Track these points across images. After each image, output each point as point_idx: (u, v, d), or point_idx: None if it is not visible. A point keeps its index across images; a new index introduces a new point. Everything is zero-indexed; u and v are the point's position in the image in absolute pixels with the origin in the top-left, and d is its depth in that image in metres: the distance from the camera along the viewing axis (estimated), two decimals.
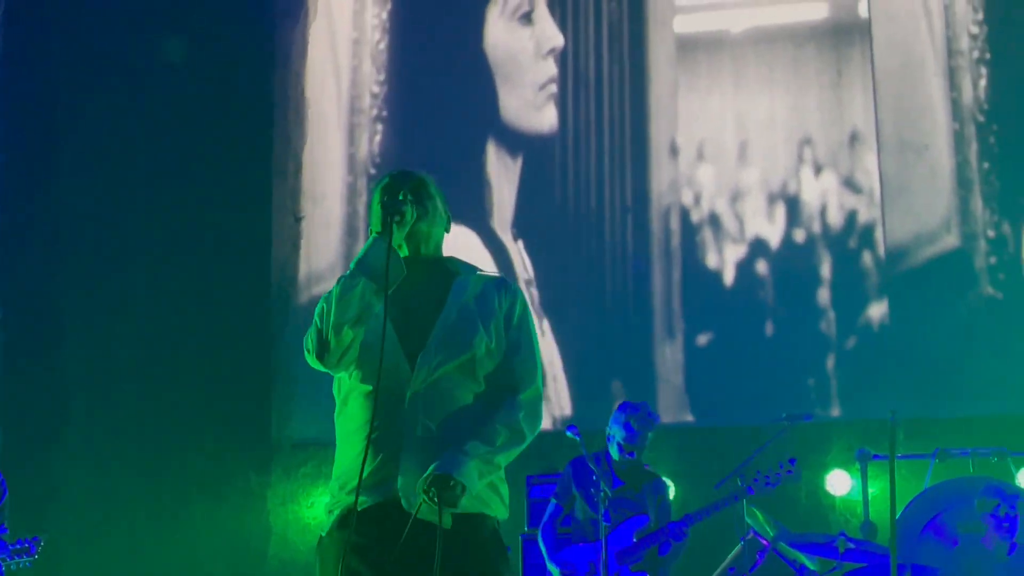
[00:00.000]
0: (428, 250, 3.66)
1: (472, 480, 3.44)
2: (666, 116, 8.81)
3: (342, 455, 3.59)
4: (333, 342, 3.48)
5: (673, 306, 8.63)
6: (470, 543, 3.50)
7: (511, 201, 8.93)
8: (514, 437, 3.56)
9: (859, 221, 8.47)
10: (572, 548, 6.34)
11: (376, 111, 9.24)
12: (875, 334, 8.36)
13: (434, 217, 3.64)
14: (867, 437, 7.57)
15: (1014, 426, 7.88)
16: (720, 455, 7.59)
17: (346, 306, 3.48)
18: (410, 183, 3.62)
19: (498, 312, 3.63)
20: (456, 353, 3.54)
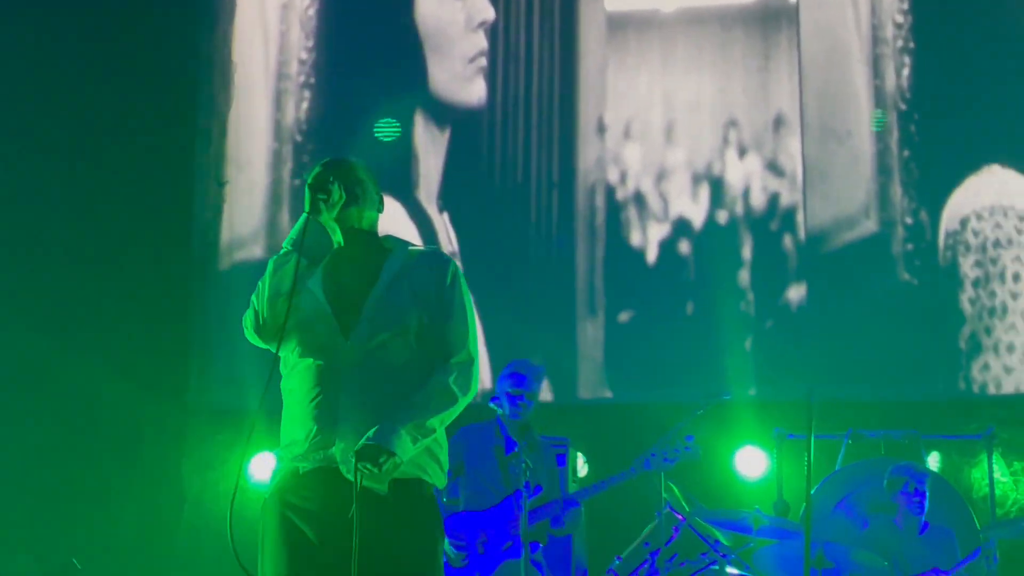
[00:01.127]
0: (362, 230, 3.85)
1: (405, 448, 3.61)
2: (595, 93, 8.84)
3: (286, 424, 3.80)
4: (268, 316, 3.71)
5: (596, 283, 8.68)
6: (405, 509, 3.69)
7: (438, 173, 8.92)
8: (445, 399, 3.73)
9: (781, 204, 8.57)
10: (464, 516, 6.20)
11: (304, 77, 9.17)
12: (793, 316, 8.47)
13: (364, 200, 3.84)
14: (782, 417, 7.69)
15: (926, 410, 8.06)
16: (638, 431, 7.64)
17: (279, 281, 3.70)
18: (339, 170, 3.81)
19: (429, 283, 3.83)
20: (389, 325, 3.74)
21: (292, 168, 9.07)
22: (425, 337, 3.79)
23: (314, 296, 3.78)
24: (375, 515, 3.61)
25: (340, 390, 3.70)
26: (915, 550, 6.60)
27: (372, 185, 3.89)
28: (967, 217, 8.34)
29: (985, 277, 8.25)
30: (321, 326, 3.75)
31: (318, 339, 3.75)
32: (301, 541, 3.67)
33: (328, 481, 3.67)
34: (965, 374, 8.16)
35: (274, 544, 3.71)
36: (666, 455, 6.27)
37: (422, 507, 3.75)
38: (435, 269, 3.87)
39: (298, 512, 3.69)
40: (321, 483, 3.69)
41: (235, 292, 8.93)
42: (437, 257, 3.93)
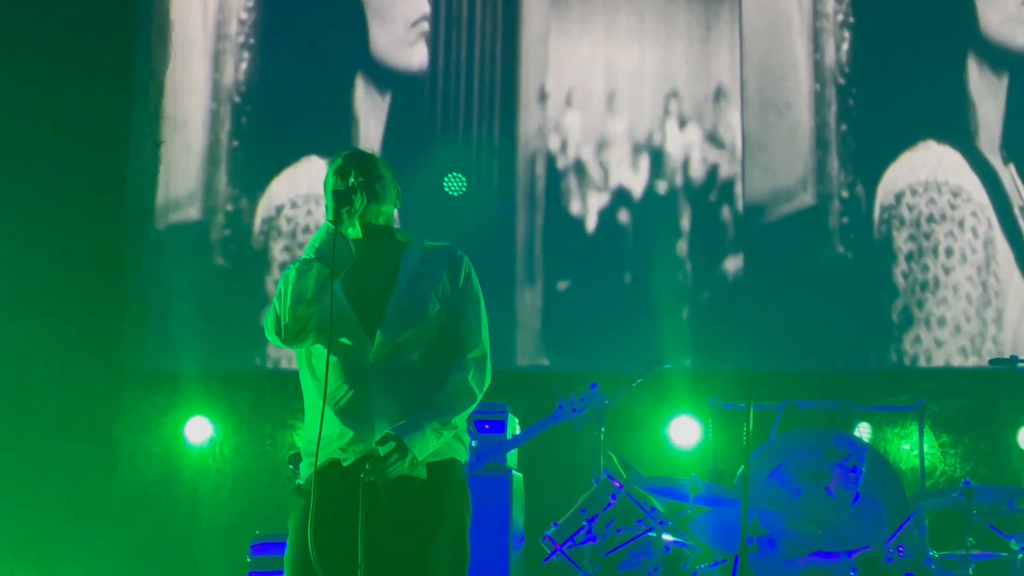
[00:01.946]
0: (379, 225, 3.95)
1: (426, 446, 3.78)
2: (536, 61, 8.82)
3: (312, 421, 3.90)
4: (290, 320, 3.82)
5: (535, 251, 8.69)
6: (444, 490, 3.87)
7: (377, 138, 8.86)
8: (465, 398, 3.89)
9: (720, 176, 8.63)
10: None
11: (243, 38, 9.06)
12: (729, 287, 8.54)
13: (384, 196, 3.94)
14: (718, 387, 7.76)
15: (859, 382, 8.17)
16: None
17: (302, 288, 3.80)
18: (360, 165, 3.92)
19: (445, 279, 3.94)
20: (411, 323, 3.87)
21: (230, 129, 8.97)
22: (441, 331, 3.92)
23: (337, 298, 3.87)
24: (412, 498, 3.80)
25: (370, 388, 3.84)
26: (846, 520, 6.70)
27: (391, 180, 4.00)
28: (902, 192, 8.44)
29: (918, 251, 8.36)
30: (346, 327, 3.86)
31: (342, 339, 3.87)
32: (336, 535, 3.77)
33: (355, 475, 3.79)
34: (897, 347, 8.29)
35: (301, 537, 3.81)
36: (573, 405, 6.33)
37: (456, 486, 3.92)
38: (450, 266, 3.98)
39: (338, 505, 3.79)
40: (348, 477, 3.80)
41: (170, 253, 8.86)
42: (452, 253, 4.03)
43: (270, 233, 8.77)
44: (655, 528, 6.35)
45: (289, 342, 3.87)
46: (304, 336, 3.87)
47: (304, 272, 3.80)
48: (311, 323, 3.84)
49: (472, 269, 4.02)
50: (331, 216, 3.82)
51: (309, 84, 8.91)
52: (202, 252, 8.77)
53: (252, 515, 8.27)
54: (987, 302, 8.28)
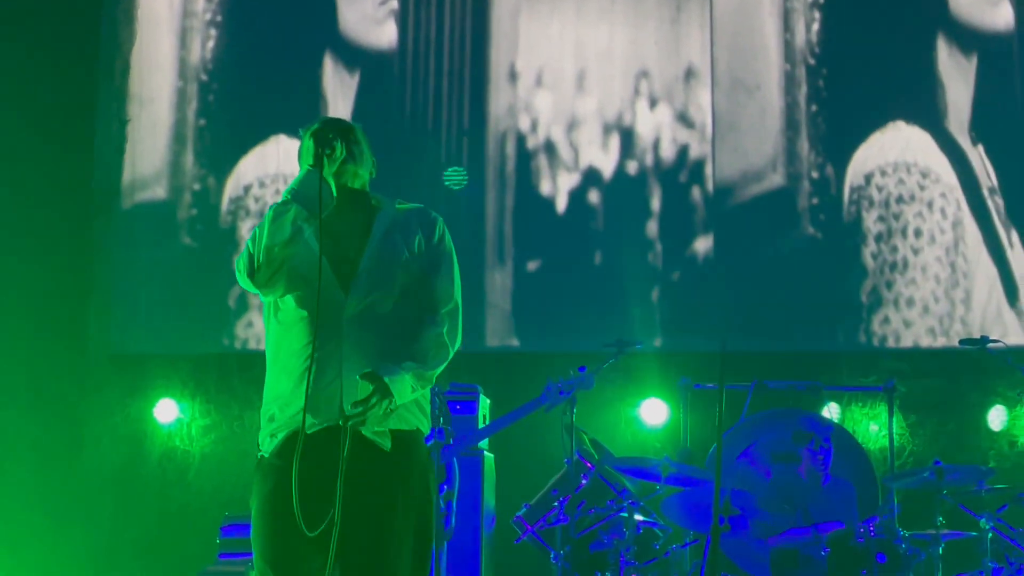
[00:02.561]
0: (354, 188, 3.97)
1: (404, 391, 3.75)
2: (507, 39, 8.77)
3: (279, 378, 3.86)
4: (263, 262, 3.78)
5: (505, 231, 8.66)
6: (407, 460, 3.83)
7: (346, 116, 8.78)
8: (441, 352, 3.89)
9: (690, 156, 8.61)
10: None
11: (210, 15, 8.96)
12: (699, 268, 8.54)
13: (361, 160, 3.98)
14: (687, 367, 7.76)
15: (829, 362, 8.19)
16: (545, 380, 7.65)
17: (277, 229, 3.77)
18: (340, 127, 3.95)
19: (420, 235, 3.96)
20: (386, 277, 3.87)
21: (197, 107, 8.88)
22: (413, 289, 3.90)
23: (311, 250, 3.84)
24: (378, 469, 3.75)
25: (341, 343, 3.79)
26: (818, 501, 6.71)
27: (368, 148, 4.03)
28: (871, 173, 8.46)
29: (888, 232, 8.38)
30: (318, 279, 3.80)
31: (314, 292, 3.79)
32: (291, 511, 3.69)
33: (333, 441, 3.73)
34: (866, 327, 8.31)
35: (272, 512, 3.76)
36: (561, 387, 6.29)
37: (422, 458, 3.89)
38: (425, 224, 3.99)
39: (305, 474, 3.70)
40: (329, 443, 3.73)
41: (137, 232, 8.78)
42: (426, 214, 4.04)
43: (238, 213, 8.69)
44: (626, 508, 6.33)
45: (261, 285, 3.84)
46: (276, 282, 3.84)
47: (281, 213, 3.79)
48: (284, 268, 3.82)
49: (446, 229, 4.04)
50: (311, 160, 3.82)
51: (277, 62, 8.83)
52: (169, 232, 8.69)
53: (220, 496, 8.23)
54: (955, 283, 8.31)
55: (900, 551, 6.11)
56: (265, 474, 3.84)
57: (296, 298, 3.86)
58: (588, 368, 6.35)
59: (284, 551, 3.75)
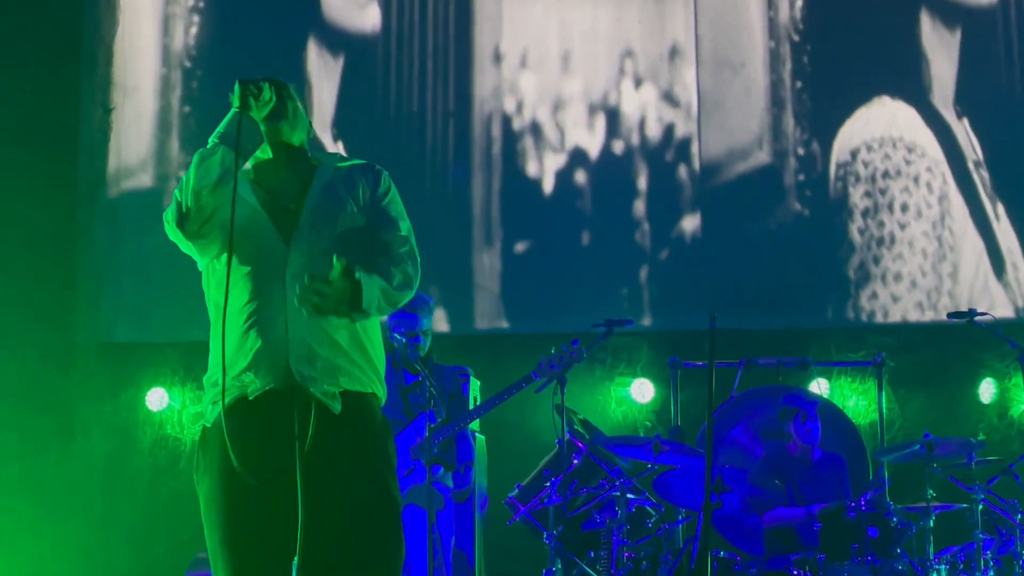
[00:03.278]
0: (291, 145, 3.72)
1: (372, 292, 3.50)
2: (490, 21, 8.75)
3: (217, 340, 3.56)
4: (193, 209, 3.53)
5: (492, 213, 8.65)
6: (360, 425, 3.58)
7: (332, 101, 8.77)
8: (406, 280, 3.63)
9: (676, 135, 8.61)
10: None
11: (193, 2, 8.92)
12: (687, 246, 8.54)
13: (296, 118, 3.71)
14: (677, 346, 7.78)
15: (818, 338, 8.21)
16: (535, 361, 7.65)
17: (204, 172, 3.53)
18: (271, 80, 3.67)
19: (364, 188, 3.71)
20: (328, 226, 3.61)
21: (181, 95, 8.85)
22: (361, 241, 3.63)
23: (246, 202, 3.61)
24: (330, 435, 3.49)
25: (286, 299, 3.52)
26: (809, 476, 6.74)
27: (303, 109, 3.75)
28: (857, 148, 8.47)
29: (874, 207, 8.40)
30: (257, 232, 3.59)
31: (254, 246, 3.57)
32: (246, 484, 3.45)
33: (282, 404, 3.50)
34: (854, 303, 8.33)
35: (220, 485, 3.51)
36: (552, 362, 6.28)
37: (377, 424, 3.64)
38: (369, 177, 3.74)
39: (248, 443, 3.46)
40: (274, 406, 3.50)
41: (123, 221, 8.76)
42: (369, 167, 3.78)
43: None
44: (618, 487, 6.34)
45: (192, 235, 3.56)
46: (207, 232, 3.56)
47: (207, 156, 3.54)
48: (215, 218, 3.54)
49: (393, 185, 3.78)
50: (238, 103, 3.56)
51: (261, 48, 8.79)
52: (155, 219, 8.54)
53: None
54: (943, 257, 8.33)
55: (891, 524, 6.14)
56: (208, 446, 3.56)
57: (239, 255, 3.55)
58: (580, 343, 6.34)
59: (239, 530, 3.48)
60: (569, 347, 6.28)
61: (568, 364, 6.26)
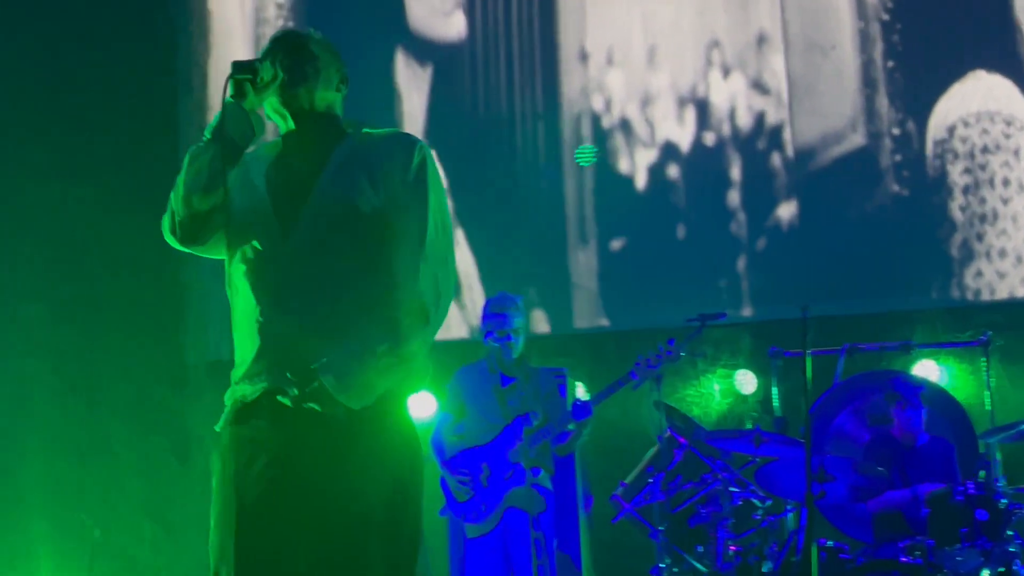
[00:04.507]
0: (315, 112, 3.26)
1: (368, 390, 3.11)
2: (574, 21, 8.77)
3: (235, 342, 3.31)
4: (185, 214, 3.18)
5: (586, 212, 8.67)
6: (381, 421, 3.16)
7: (422, 110, 8.87)
8: (417, 317, 3.16)
9: (767, 122, 8.54)
10: (465, 453, 6.22)
11: (281, 21, 9.09)
12: (784, 234, 8.46)
13: (316, 80, 3.25)
14: (778, 336, 7.72)
15: (922, 320, 8.08)
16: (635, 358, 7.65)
17: (195, 173, 3.15)
18: (288, 46, 3.25)
19: (391, 166, 3.21)
20: (334, 216, 3.16)
21: None
22: (382, 231, 3.17)
23: (255, 189, 3.21)
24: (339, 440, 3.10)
25: (284, 300, 3.13)
26: (915, 461, 6.65)
27: (330, 62, 3.30)
28: (954, 125, 8.31)
29: (975, 184, 8.23)
30: (257, 224, 3.18)
31: (254, 240, 3.17)
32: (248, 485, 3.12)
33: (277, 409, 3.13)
34: (959, 282, 8.17)
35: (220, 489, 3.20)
36: (649, 361, 6.27)
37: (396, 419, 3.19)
38: (398, 150, 3.23)
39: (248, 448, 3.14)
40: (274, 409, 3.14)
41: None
42: (402, 137, 3.29)
43: None
44: (721, 481, 6.34)
45: (187, 242, 3.22)
46: (205, 236, 3.21)
47: (198, 156, 3.16)
48: (214, 219, 3.17)
49: (430, 158, 3.25)
50: (232, 90, 3.17)
51: (349, 61, 8.86)
52: None
53: None
54: None
55: (1001, 507, 6.03)
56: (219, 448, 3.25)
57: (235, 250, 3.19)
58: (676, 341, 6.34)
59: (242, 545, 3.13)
60: (665, 346, 6.29)
61: (665, 363, 6.26)
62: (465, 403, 6.30)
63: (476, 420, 6.23)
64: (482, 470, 6.10)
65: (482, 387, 6.24)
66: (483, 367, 6.32)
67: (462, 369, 6.39)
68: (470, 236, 8.74)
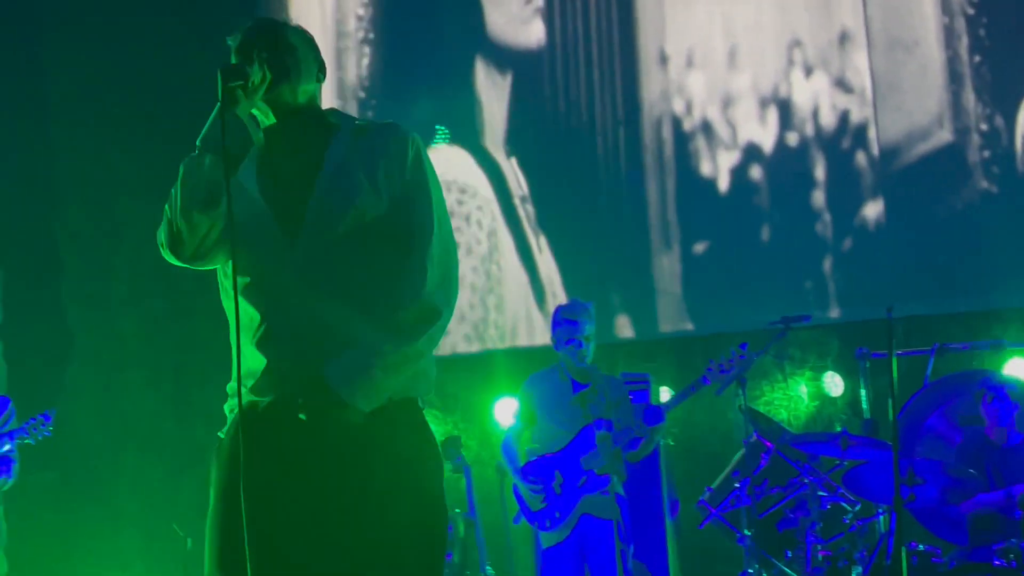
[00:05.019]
0: (298, 106, 3.15)
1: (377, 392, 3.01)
2: (653, 24, 8.74)
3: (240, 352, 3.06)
4: (185, 230, 3.04)
5: (668, 216, 8.63)
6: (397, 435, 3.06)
7: (502, 118, 8.90)
8: (425, 315, 3.06)
9: (851, 121, 8.44)
10: (537, 461, 6.18)
11: (362, 34, 9.18)
12: (871, 234, 8.36)
13: (298, 72, 3.14)
14: (866, 336, 7.61)
15: (1011, 318, 7.92)
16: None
17: (193, 188, 3.01)
18: (261, 40, 3.12)
19: (385, 162, 3.12)
20: (339, 220, 3.06)
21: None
22: (384, 228, 3.09)
23: (247, 194, 3.08)
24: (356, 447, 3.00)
25: (291, 309, 3.04)
26: (1007, 461, 6.53)
27: (308, 52, 3.19)
28: None
29: None
30: (259, 232, 3.06)
31: (256, 249, 3.04)
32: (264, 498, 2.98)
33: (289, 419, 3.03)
34: None
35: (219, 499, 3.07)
36: (722, 366, 6.20)
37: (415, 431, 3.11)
38: (391, 144, 3.12)
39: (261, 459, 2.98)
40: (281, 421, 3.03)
41: None
42: (395, 130, 3.16)
43: None
44: (809, 485, 6.27)
45: (187, 258, 3.08)
46: (210, 252, 3.08)
47: (194, 169, 3.00)
48: (215, 232, 3.04)
49: (423, 149, 3.16)
50: (219, 94, 2.98)
51: (429, 72, 8.98)
52: None
53: None
54: None
55: None
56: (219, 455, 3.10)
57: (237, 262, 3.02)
58: (749, 347, 6.27)
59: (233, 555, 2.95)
60: (738, 351, 6.22)
61: (738, 368, 6.19)
62: (536, 410, 6.28)
63: (548, 427, 6.21)
64: (555, 478, 6.09)
65: (553, 394, 6.22)
66: (554, 374, 6.31)
67: (533, 376, 6.38)
68: (553, 243, 8.75)
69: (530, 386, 6.32)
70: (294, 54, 3.13)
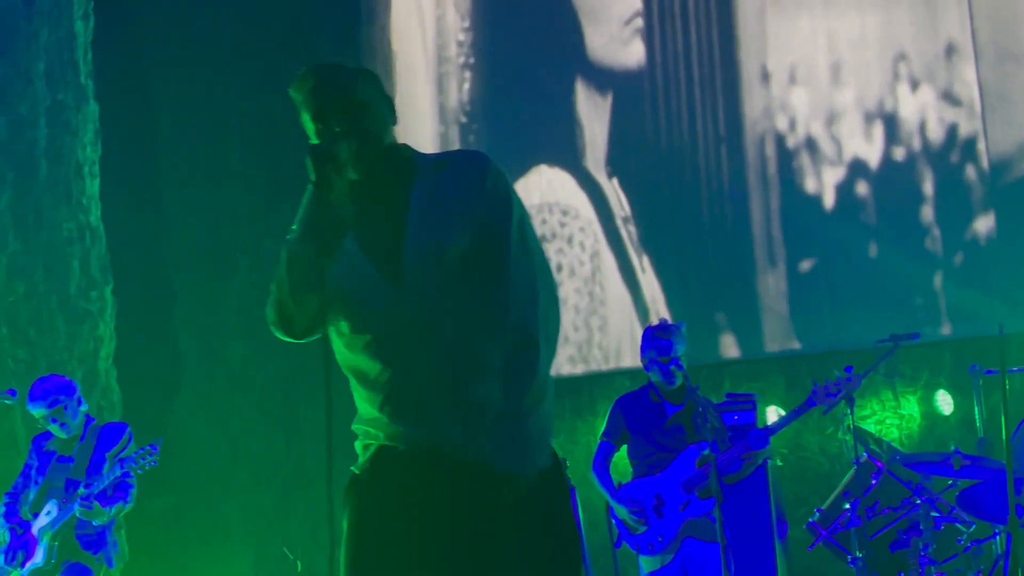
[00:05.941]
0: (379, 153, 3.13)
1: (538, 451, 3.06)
2: (755, 41, 8.68)
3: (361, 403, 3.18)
4: (295, 311, 3.07)
5: (773, 234, 8.55)
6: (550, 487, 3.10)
7: (603, 139, 8.89)
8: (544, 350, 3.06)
9: (960, 134, 8.29)
10: (635, 484, 6.14)
11: (463, 59, 9.25)
12: (982, 249, 8.19)
13: (376, 131, 3.14)
14: (978, 353, 7.46)
15: None
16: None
17: (299, 273, 3.04)
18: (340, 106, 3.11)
19: (470, 196, 3.09)
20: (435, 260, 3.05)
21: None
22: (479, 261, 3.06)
23: (347, 252, 3.10)
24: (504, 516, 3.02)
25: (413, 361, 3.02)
26: None
27: (379, 100, 3.18)
28: None
29: None
30: (364, 287, 3.06)
31: (367, 307, 3.05)
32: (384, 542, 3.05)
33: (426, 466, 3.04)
34: None
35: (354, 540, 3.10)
36: (827, 389, 6.11)
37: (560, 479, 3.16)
38: (472, 172, 3.10)
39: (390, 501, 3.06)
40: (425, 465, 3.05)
41: None
42: (472, 159, 3.15)
43: None
44: (922, 506, 6.15)
45: (299, 335, 3.10)
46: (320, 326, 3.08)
47: (297, 254, 3.02)
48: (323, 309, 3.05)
49: (500, 174, 3.12)
50: (313, 177, 3.00)
51: (530, 95, 9.02)
52: None
53: None
54: None
55: None
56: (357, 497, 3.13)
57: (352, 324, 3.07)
58: (855, 369, 6.18)
59: None
60: (843, 373, 6.14)
61: (844, 391, 6.10)
62: (628, 431, 6.26)
63: (642, 449, 6.17)
64: (655, 500, 6.04)
65: (645, 415, 6.18)
66: (644, 395, 6.28)
67: (623, 397, 6.35)
68: (656, 263, 8.71)
69: (620, 407, 6.29)
70: (368, 111, 3.11)
